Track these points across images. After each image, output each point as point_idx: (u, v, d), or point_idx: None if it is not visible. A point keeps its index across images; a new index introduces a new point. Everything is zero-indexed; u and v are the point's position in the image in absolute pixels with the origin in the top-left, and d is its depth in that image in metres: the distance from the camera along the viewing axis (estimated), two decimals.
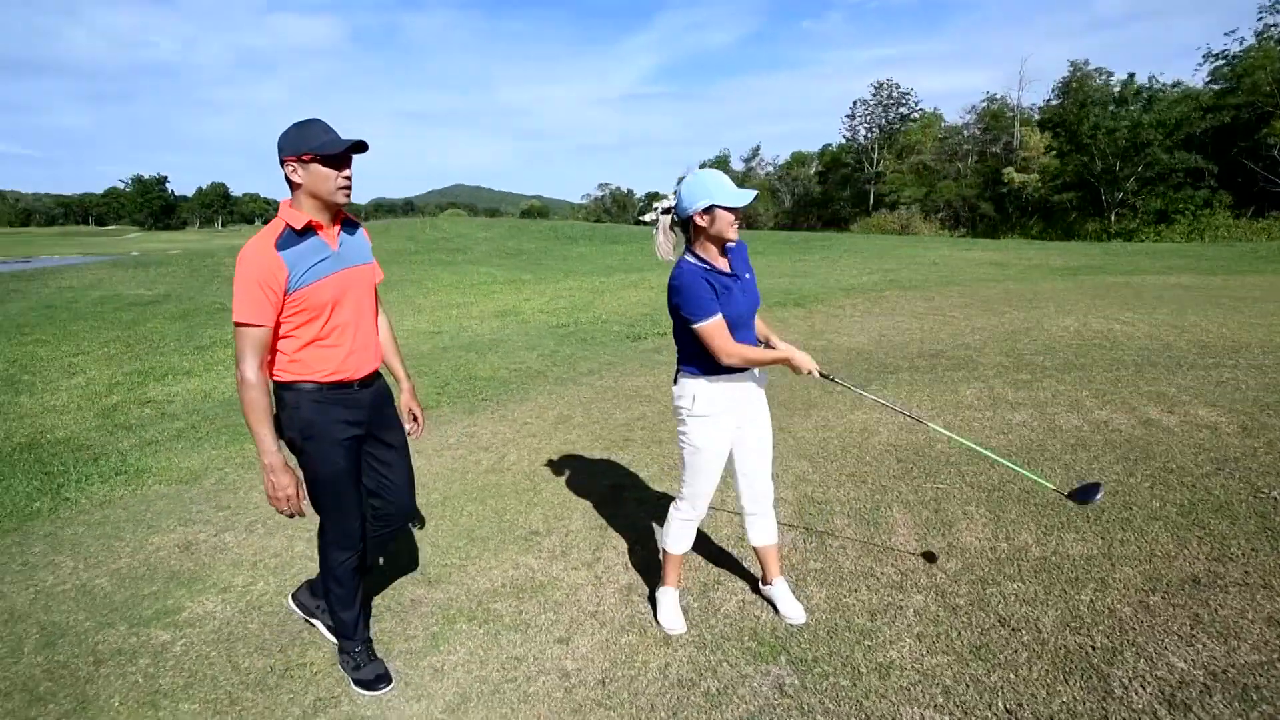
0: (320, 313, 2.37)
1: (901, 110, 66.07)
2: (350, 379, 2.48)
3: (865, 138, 68.14)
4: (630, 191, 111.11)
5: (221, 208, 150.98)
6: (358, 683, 2.63)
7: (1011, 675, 2.45)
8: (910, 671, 2.51)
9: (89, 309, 11.41)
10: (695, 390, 2.65)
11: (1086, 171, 40.62)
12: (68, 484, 4.82)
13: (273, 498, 2.36)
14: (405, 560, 3.54)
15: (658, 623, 2.90)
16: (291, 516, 2.41)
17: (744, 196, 2.46)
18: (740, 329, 2.58)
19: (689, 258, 2.58)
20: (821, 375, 2.76)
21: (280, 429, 2.41)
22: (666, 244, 2.69)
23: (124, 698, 2.65)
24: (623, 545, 3.60)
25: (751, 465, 2.81)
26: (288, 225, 2.32)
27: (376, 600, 3.24)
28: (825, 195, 73.81)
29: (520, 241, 21.29)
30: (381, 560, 3.52)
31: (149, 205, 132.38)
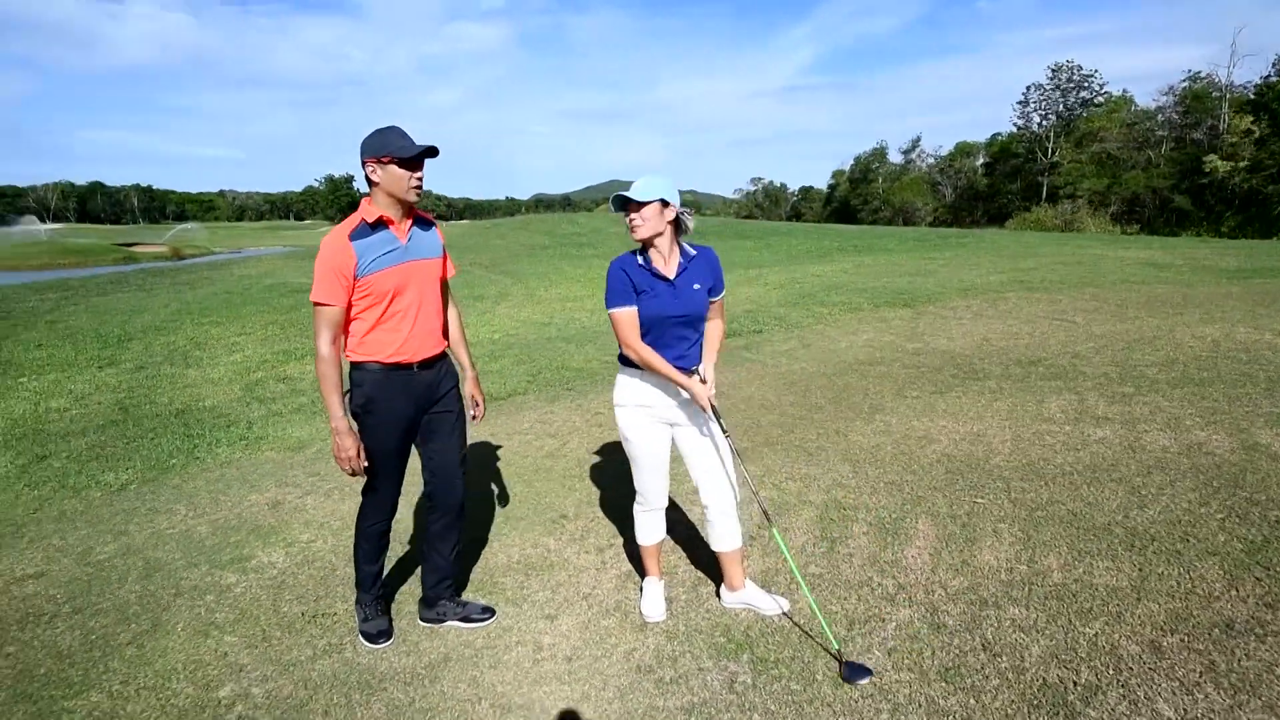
0: (383, 299, 2.64)
1: (1083, 94, 60.09)
2: (409, 361, 2.73)
3: (1040, 125, 62.68)
4: (783, 186, 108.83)
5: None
6: (363, 633, 2.95)
7: (972, 701, 2.34)
8: (865, 684, 2.46)
9: (259, 295, 13.01)
10: (619, 380, 2.82)
11: None
12: (201, 445, 5.62)
13: (337, 458, 2.66)
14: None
15: (640, 610, 3.01)
16: (353, 475, 2.72)
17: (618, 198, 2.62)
18: (656, 330, 2.67)
19: (633, 253, 2.70)
20: (712, 408, 2.76)
21: (350, 402, 2.72)
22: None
23: (186, 625, 3.13)
24: (631, 537, 3.71)
25: (701, 468, 2.85)
26: (363, 219, 2.62)
27: (399, 564, 3.58)
28: (991, 188, 68.77)
29: None
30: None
31: (338, 201, 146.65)
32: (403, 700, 2.57)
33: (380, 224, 2.64)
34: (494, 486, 4.49)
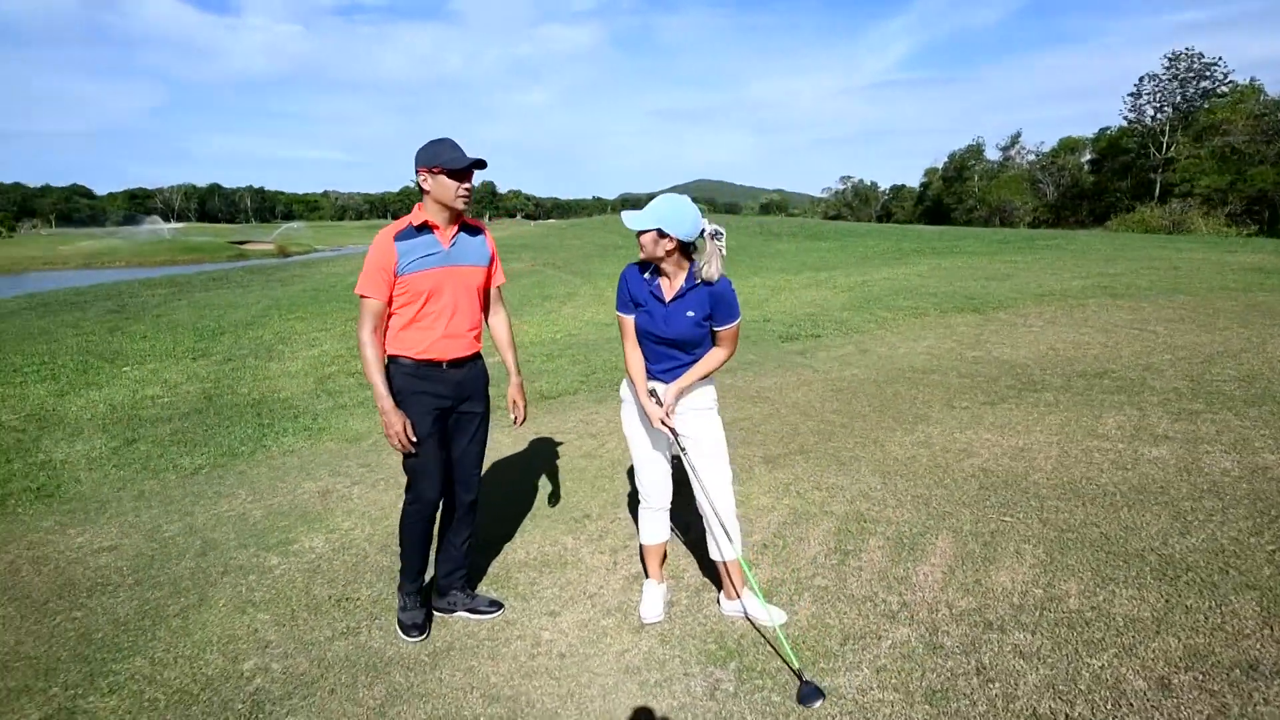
0: (418, 298, 2.81)
1: (1204, 85, 55.74)
2: (439, 359, 2.87)
3: (1154, 118, 58.54)
4: (874, 184, 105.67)
5: (489, 203, 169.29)
6: (399, 622, 3.06)
7: None
8: (846, 701, 2.43)
9: (343, 292, 13.74)
10: (625, 379, 2.90)
11: None
12: (270, 434, 6.02)
13: (388, 435, 2.81)
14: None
15: (638, 612, 3.06)
16: (403, 451, 2.83)
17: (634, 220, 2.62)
18: (644, 343, 2.78)
19: (644, 264, 2.77)
20: (667, 425, 2.77)
21: None
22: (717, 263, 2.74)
23: (227, 601, 3.39)
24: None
25: (699, 475, 2.85)
26: (410, 223, 2.81)
27: None
28: (1098, 186, 64.82)
29: (726, 238, 21.51)
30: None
31: None
32: (402, 684, 2.71)
33: (425, 228, 2.80)
34: (526, 483, 4.63)
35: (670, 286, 2.73)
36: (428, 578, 3.21)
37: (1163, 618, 2.70)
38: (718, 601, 3.08)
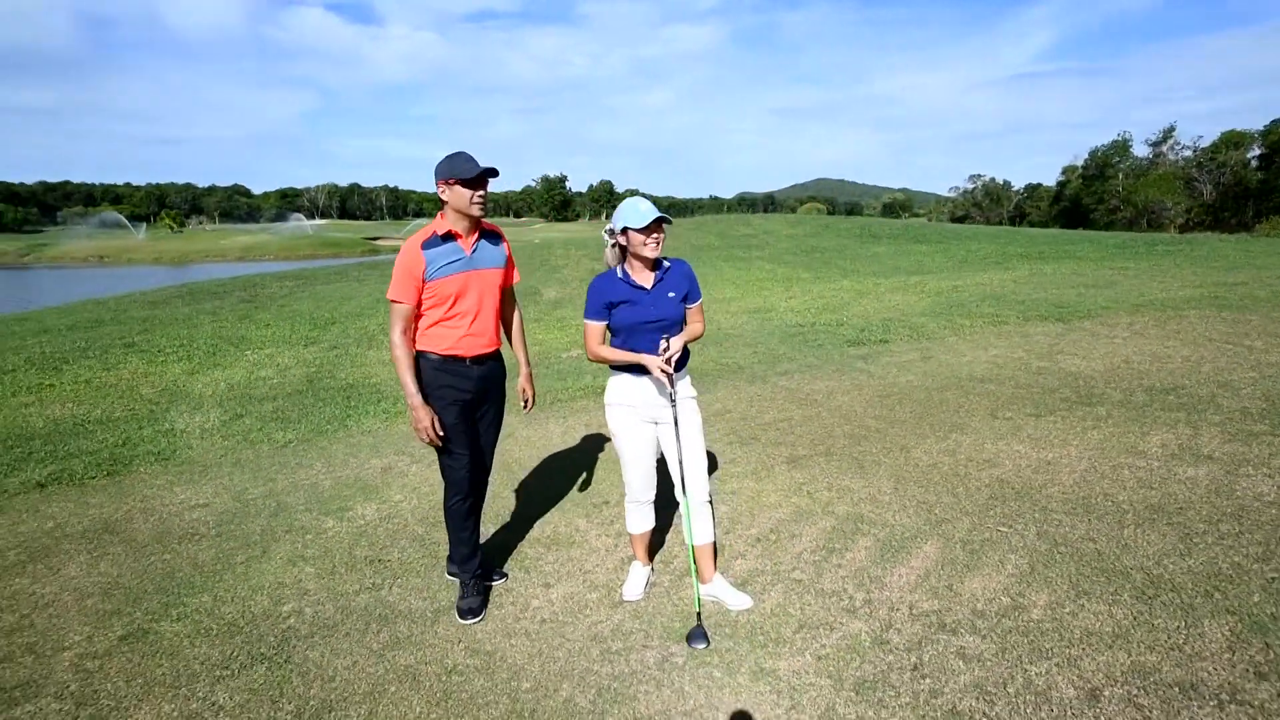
0: (446, 300, 3.08)
1: None
2: (463, 355, 3.11)
3: None
4: (1006, 183, 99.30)
5: (606, 202, 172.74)
6: (456, 607, 3.29)
7: (870, 714, 2.41)
8: (780, 681, 2.60)
9: None
10: (609, 383, 3.13)
11: None
12: (353, 415, 6.70)
13: (415, 429, 3.11)
14: (497, 507, 4.41)
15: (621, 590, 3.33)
16: (431, 444, 3.13)
17: (645, 218, 2.80)
18: (638, 335, 2.96)
19: (616, 269, 3.01)
20: (663, 371, 2.91)
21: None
22: (613, 259, 3.07)
23: (284, 556, 3.93)
24: (662, 525, 4.00)
25: (677, 465, 3.07)
26: (435, 231, 3.08)
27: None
28: (1266, 184, 58.42)
29: (822, 239, 21.23)
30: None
31: (551, 200, 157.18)
32: (404, 634, 3.11)
33: (449, 236, 3.03)
34: (560, 470, 4.98)
35: (646, 276, 2.98)
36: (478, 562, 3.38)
37: (1122, 634, 2.69)
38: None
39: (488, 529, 4.10)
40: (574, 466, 5.06)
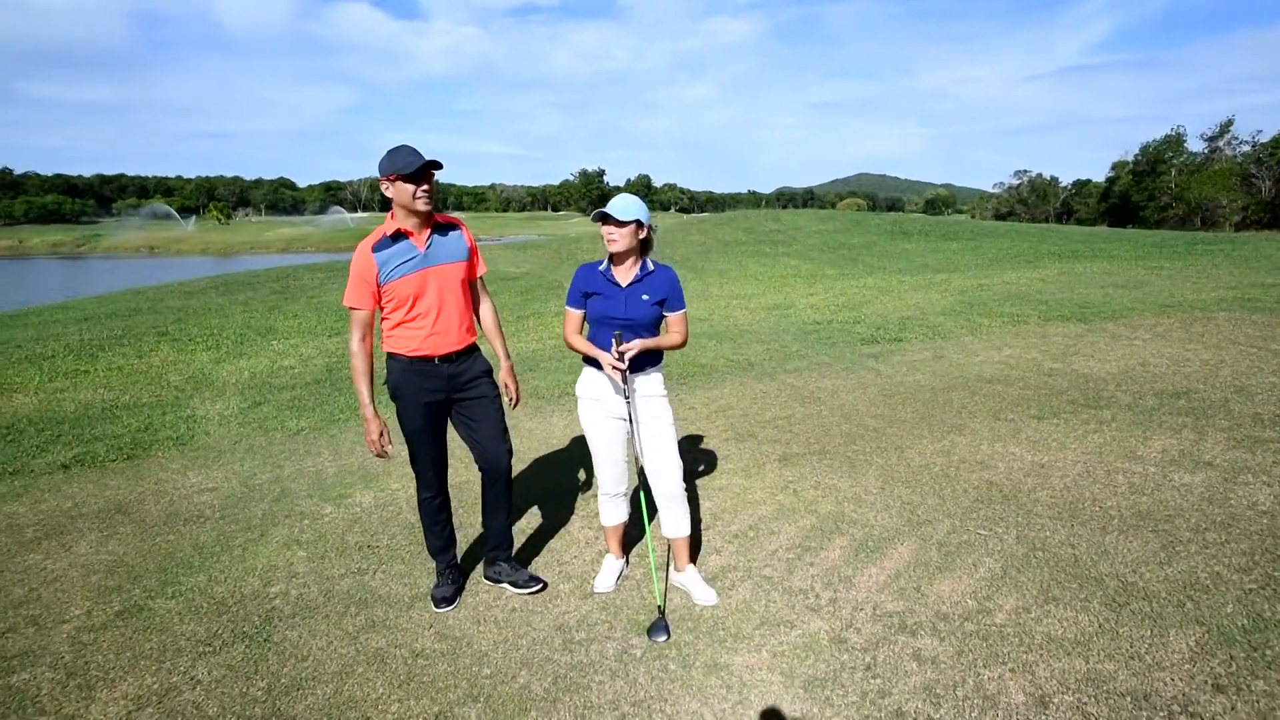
0: (405, 302, 2.98)
1: None
2: (430, 355, 3.05)
3: None
4: (1054, 179, 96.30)
5: (644, 196, 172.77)
6: (430, 594, 3.36)
7: (815, 711, 2.43)
8: (732, 676, 2.63)
9: None
10: (581, 376, 3.20)
11: None
12: None
13: (367, 440, 3.16)
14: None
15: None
16: (378, 456, 3.19)
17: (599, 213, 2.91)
18: (602, 330, 3.00)
19: (601, 261, 3.06)
20: (614, 368, 2.93)
21: (387, 384, 3.20)
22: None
23: (281, 540, 4.07)
24: (639, 519, 4.04)
25: (649, 460, 3.10)
26: (384, 233, 3.04)
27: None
28: None
29: (851, 236, 20.95)
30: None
31: (589, 194, 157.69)
32: (380, 618, 3.21)
33: (400, 236, 2.94)
34: (555, 462, 5.05)
35: (625, 274, 3.00)
36: (457, 555, 3.47)
37: (1084, 641, 2.65)
38: (666, 574, 3.34)
39: (476, 519, 4.19)
40: (569, 459, 5.13)
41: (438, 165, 2.91)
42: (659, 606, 3.07)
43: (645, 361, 3.04)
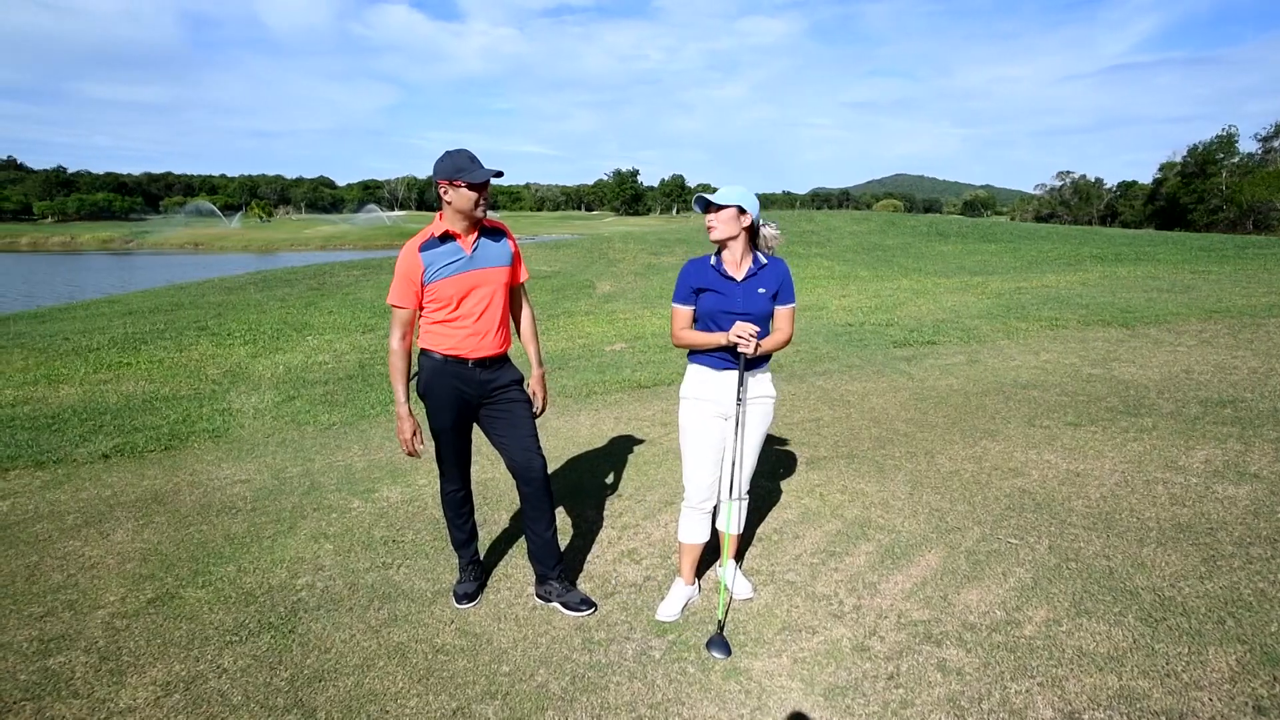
0: (448, 302, 3.06)
1: None
2: (465, 356, 3.05)
3: None
4: (1099, 181, 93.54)
5: (678, 197, 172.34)
6: (452, 589, 3.40)
7: (834, 718, 2.38)
8: (751, 681, 2.60)
9: None
10: (687, 375, 2.99)
11: None
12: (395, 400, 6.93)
13: (399, 436, 3.21)
14: (512, 495, 4.51)
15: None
16: (409, 455, 3.24)
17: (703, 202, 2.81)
18: (716, 323, 2.85)
19: (710, 256, 2.92)
20: (748, 336, 2.71)
21: (418, 382, 3.22)
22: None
23: (309, 532, 4.13)
24: (663, 524, 4.02)
25: (734, 457, 2.96)
26: (433, 233, 3.06)
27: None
28: None
29: (886, 237, 20.66)
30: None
31: (623, 194, 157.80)
32: (402, 613, 3.24)
33: (448, 237, 2.96)
34: (586, 462, 5.06)
35: (738, 268, 2.86)
36: (479, 551, 3.49)
37: (1117, 656, 2.57)
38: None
39: (500, 515, 4.21)
40: (596, 459, 5.12)
41: (499, 174, 2.95)
42: (719, 621, 2.94)
43: (759, 359, 2.89)
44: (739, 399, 2.86)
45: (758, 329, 2.73)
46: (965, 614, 2.90)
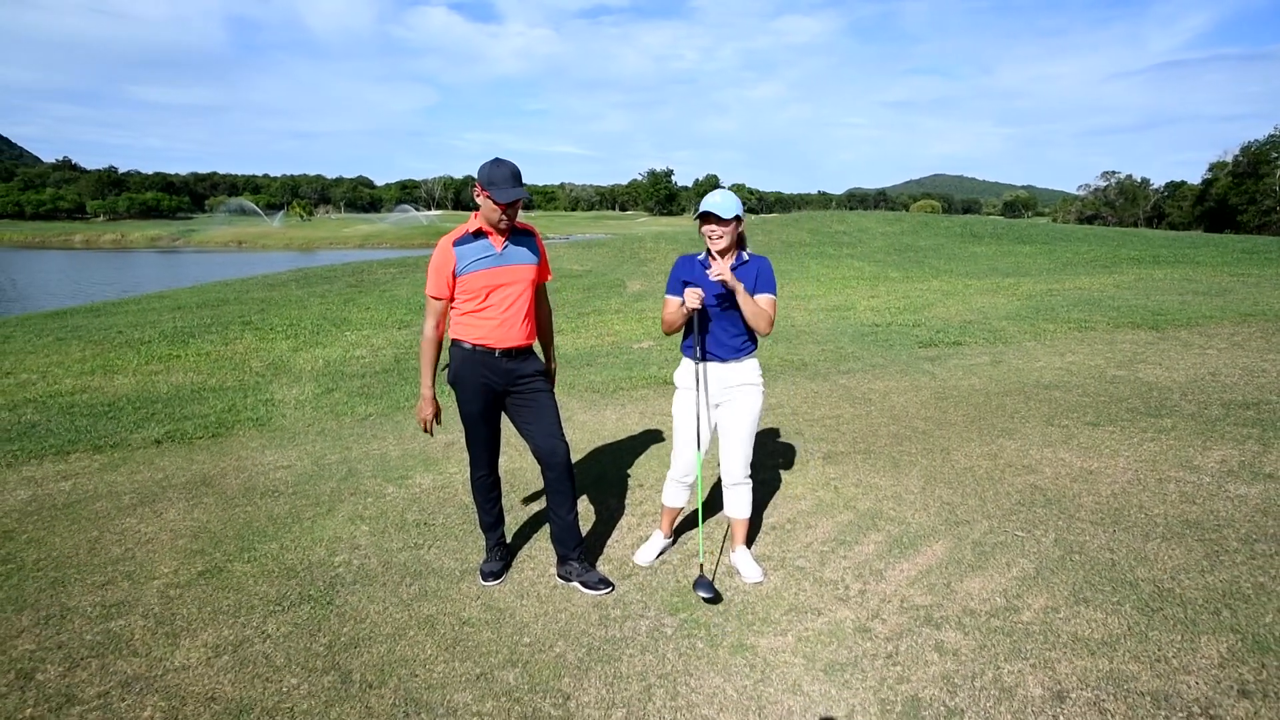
0: (477, 294, 3.30)
1: None
2: (492, 347, 3.25)
3: None
4: (1145, 181, 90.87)
5: None
6: (479, 567, 3.63)
7: (833, 692, 2.52)
8: (756, 657, 2.75)
9: None
10: (680, 365, 3.36)
11: None
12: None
13: (419, 416, 3.46)
14: (539, 484, 4.71)
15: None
16: (425, 431, 3.50)
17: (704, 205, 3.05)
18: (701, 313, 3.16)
19: (697, 253, 3.26)
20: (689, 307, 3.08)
21: (449, 370, 3.44)
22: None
23: (345, 514, 4.37)
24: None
25: (726, 444, 3.26)
26: (467, 229, 3.31)
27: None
28: None
29: (919, 238, 20.51)
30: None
31: (657, 194, 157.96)
32: (431, 589, 3.45)
33: (481, 234, 3.21)
34: (605, 453, 5.24)
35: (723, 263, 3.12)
36: (506, 535, 3.70)
37: (1110, 642, 2.66)
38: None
39: (526, 504, 4.41)
40: (620, 450, 5.30)
41: (527, 200, 3.24)
42: (700, 564, 3.30)
43: (738, 347, 3.19)
44: (697, 378, 3.19)
45: (703, 293, 3.05)
46: (966, 600, 3.01)
